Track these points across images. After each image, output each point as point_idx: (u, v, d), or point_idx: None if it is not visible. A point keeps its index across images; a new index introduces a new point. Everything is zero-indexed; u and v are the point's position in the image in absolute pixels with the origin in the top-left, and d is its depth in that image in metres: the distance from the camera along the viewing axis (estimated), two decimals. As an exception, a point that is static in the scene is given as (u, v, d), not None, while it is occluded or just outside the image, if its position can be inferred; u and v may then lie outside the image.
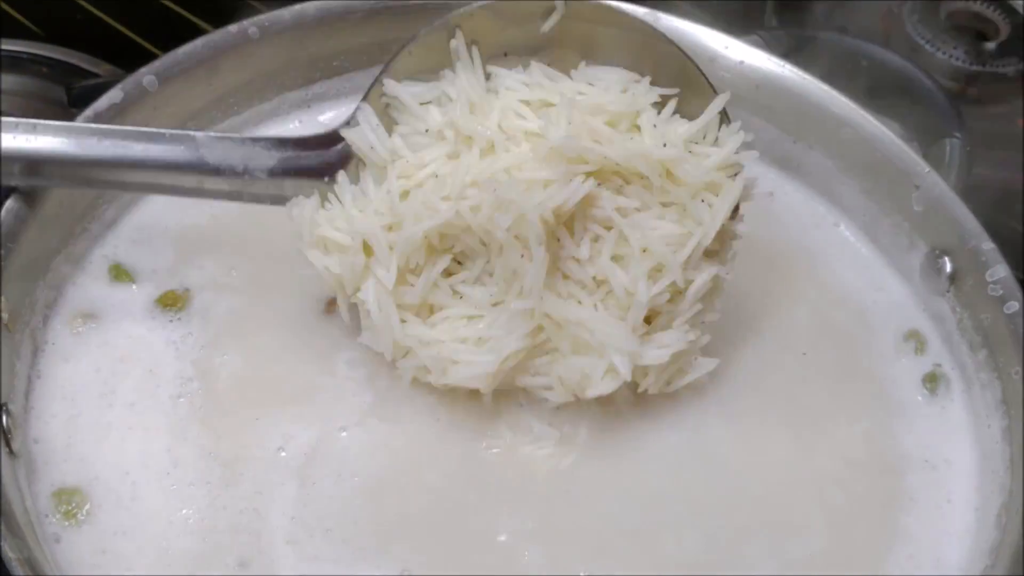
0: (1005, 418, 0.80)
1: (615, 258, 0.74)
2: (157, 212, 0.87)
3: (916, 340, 0.87)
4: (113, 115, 0.83)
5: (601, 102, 0.76)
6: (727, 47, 0.95)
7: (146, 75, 0.85)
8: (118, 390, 0.77)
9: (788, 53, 0.95)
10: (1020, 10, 1.27)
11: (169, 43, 0.87)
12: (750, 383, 0.83)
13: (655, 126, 0.76)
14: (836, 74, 0.94)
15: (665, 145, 0.75)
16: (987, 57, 1.22)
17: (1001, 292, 0.82)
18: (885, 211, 0.91)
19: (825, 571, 0.74)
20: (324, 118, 0.95)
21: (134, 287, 0.82)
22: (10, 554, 0.63)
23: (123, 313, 0.81)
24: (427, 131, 0.77)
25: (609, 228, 0.74)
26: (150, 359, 0.79)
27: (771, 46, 0.96)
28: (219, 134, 0.77)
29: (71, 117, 0.82)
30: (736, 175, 0.76)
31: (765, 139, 0.95)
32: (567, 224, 0.74)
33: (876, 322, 0.89)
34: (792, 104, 0.93)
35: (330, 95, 0.95)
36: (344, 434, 0.76)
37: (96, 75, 1.10)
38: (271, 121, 0.94)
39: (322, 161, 0.78)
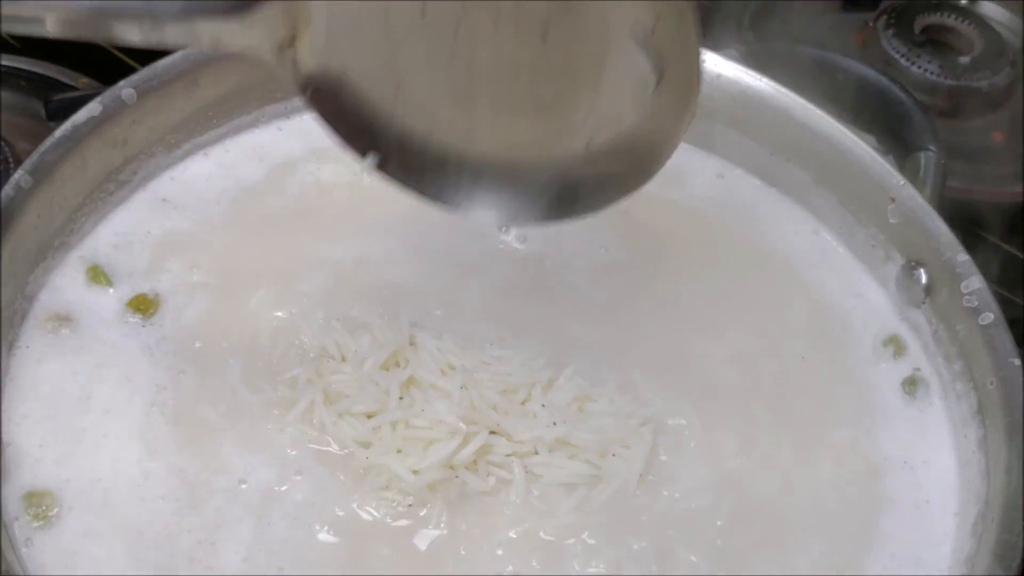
0: (981, 428, 0.81)
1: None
2: (138, 218, 0.86)
3: (895, 345, 0.88)
4: (91, 128, 0.82)
5: (499, 374, 0.78)
6: (704, 60, 0.95)
7: (125, 88, 0.85)
8: (94, 396, 0.76)
9: (764, 66, 0.95)
10: (994, 25, 1.28)
11: (148, 56, 0.87)
12: (741, 385, 0.83)
13: (543, 406, 0.77)
14: (812, 87, 0.94)
15: (555, 424, 0.76)
16: (961, 71, 1.23)
17: (976, 304, 0.83)
18: (861, 223, 0.92)
19: (818, 572, 0.75)
20: (306, 128, 0.94)
21: (111, 291, 0.82)
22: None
23: (99, 317, 0.80)
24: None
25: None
26: (127, 365, 0.78)
27: (748, 59, 0.96)
28: None
29: (49, 131, 0.81)
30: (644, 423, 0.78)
31: (741, 152, 0.96)
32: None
33: (856, 327, 0.89)
34: (768, 117, 0.94)
35: (310, 107, 0.96)
36: (299, 477, 0.74)
37: (74, 88, 1.10)
38: (251, 133, 0.93)
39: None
